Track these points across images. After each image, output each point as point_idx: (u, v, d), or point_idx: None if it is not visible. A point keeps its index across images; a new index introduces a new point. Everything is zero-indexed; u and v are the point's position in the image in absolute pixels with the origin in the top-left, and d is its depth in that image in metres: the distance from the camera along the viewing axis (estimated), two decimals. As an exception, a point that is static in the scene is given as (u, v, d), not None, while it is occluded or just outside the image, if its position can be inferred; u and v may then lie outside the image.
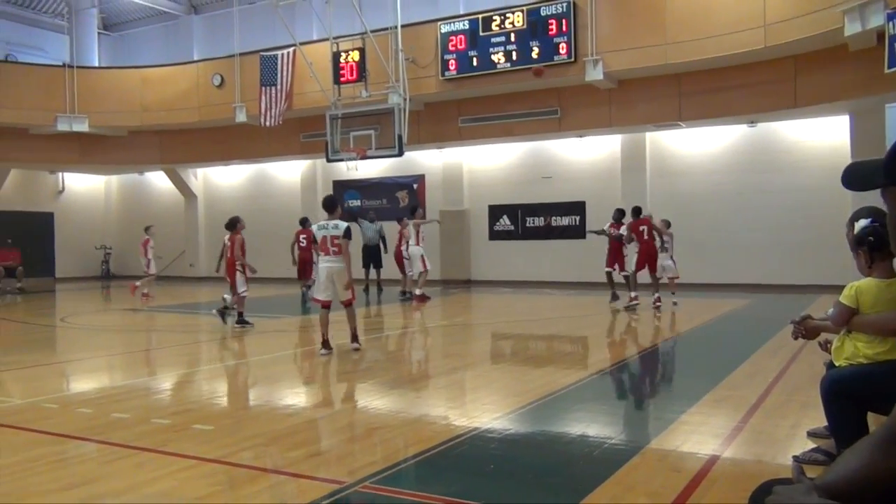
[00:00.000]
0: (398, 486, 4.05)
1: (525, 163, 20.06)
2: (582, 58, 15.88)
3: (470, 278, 20.53)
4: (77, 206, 26.37)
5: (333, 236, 8.69)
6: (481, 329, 11.95)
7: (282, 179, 23.73)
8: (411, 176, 21.51)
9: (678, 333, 10.82)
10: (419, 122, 18.71)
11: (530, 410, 5.81)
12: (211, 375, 8.18)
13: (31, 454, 4.75)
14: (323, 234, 8.72)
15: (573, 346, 10.09)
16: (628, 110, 16.91)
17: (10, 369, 8.55)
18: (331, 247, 8.69)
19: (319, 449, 4.85)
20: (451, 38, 17.31)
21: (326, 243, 8.69)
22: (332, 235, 8.69)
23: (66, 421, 5.65)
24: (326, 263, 8.75)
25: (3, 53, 23.80)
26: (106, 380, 8.07)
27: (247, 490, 4.04)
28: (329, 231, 8.71)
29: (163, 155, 23.00)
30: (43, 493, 4.00)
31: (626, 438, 5.18)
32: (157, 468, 4.38)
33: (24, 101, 20.32)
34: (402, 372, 8.16)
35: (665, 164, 18.29)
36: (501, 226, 20.34)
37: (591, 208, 19.04)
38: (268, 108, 19.15)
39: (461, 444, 4.84)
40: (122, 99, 21.47)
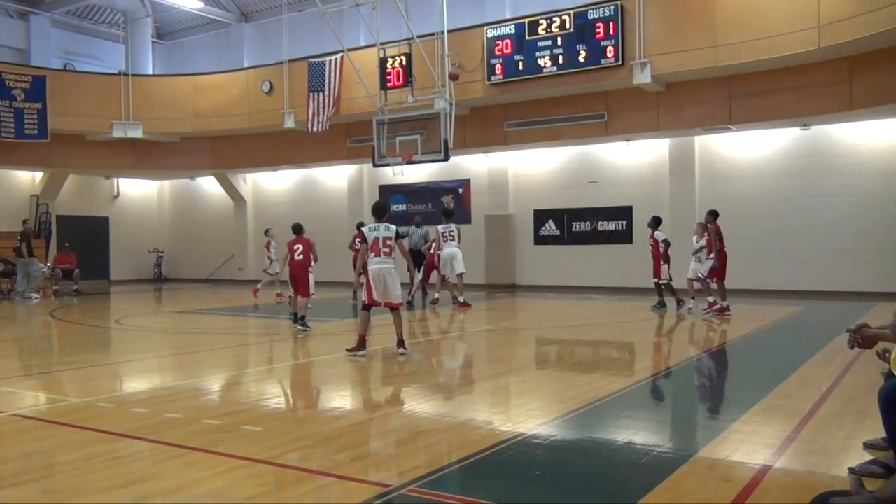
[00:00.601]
0: (443, 491, 4.06)
1: (571, 167, 19.93)
2: (629, 61, 15.73)
3: (515, 283, 20.47)
4: (131, 210, 27.06)
5: (386, 237, 8.83)
6: (526, 334, 11.90)
7: (329, 184, 23.99)
8: (457, 180, 21.55)
9: (728, 340, 10.62)
10: (465, 126, 18.75)
11: (576, 416, 5.76)
12: (259, 377, 8.31)
13: (87, 452, 4.88)
14: (375, 234, 8.84)
15: (620, 352, 9.98)
16: (677, 113, 16.69)
17: (67, 369, 8.81)
18: (382, 248, 8.80)
19: (365, 452, 4.88)
20: (497, 42, 17.31)
21: (378, 244, 8.80)
22: (385, 237, 8.83)
23: (121, 420, 5.79)
24: (378, 265, 8.81)
25: (62, 63, 24.58)
26: (158, 380, 8.26)
27: (294, 491, 4.10)
28: (381, 232, 8.85)
29: (214, 160, 23.48)
30: (99, 490, 4.11)
31: (674, 446, 5.10)
32: (208, 468, 4.47)
33: (81, 109, 20.95)
34: (447, 376, 8.17)
35: (715, 168, 17.98)
36: (547, 230, 20.24)
37: (639, 213, 18.82)
38: (315, 113, 19.40)
39: (506, 450, 4.82)
40: (174, 106, 21.98)
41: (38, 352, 10.73)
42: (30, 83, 19.98)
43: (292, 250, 11.99)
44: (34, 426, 5.68)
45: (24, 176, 23.91)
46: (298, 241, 12.12)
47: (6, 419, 5.89)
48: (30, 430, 5.56)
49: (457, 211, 21.49)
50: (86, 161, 22.66)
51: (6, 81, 19.59)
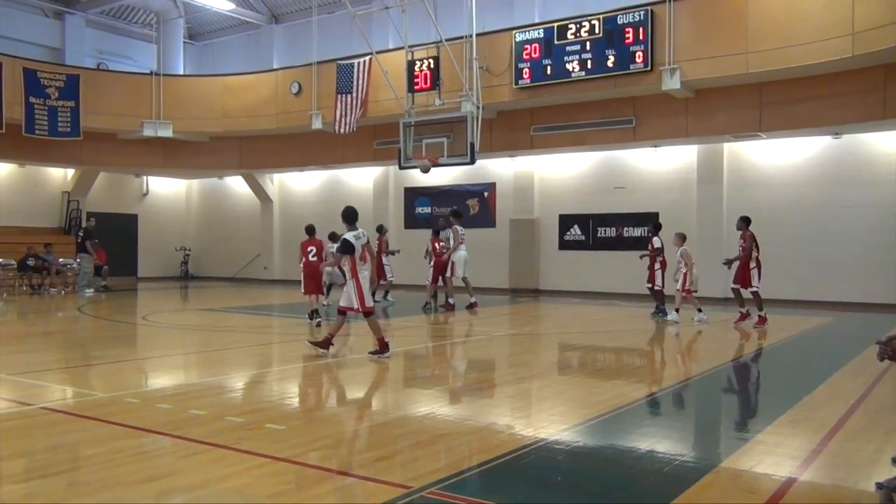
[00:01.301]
0: (464, 494, 4.06)
1: (597, 172, 19.84)
2: (659, 67, 15.63)
3: (538, 287, 20.41)
4: (160, 208, 27.40)
5: (365, 245, 8.91)
6: (549, 339, 11.85)
7: (355, 185, 24.11)
8: (482, 184, 21.55)
9: (755, 350, 10.50)
10: (491, 130, 18.75)
11: (598, 423, 5.73)
12: (282, 376, 8.37)
13: (113, 446, 4.95)
14: (360, 242, 8.86)
15: (644, 359, 9.91)
16: (706, 120, 16.54)
17: (94, 364, 8.94)
18: (368, 255, 8.96)
19: (386, 453, 4.90)
20: (525, 46, 17.29)
21: (365, 252, 8.90)
22: (364, 244, 8.93)
23: (146, 415, 5.87)
24: (366, 272, 8.91)
25: (96, 62, 24.97)
26: (183, 377, 8.35)
27: (315, 490, 4.12)
28: (363, 240, 8.92)
29: (242, 160, 23.70)
30: (124, 484, 4.16)
31: (697, 456, 5.05)
32: (231, 465, 4.51)
33: (113, 108, 21.27)
34: (468, 380, 8.16)
35: (744, 175, 17.80)
36: (572, 235, 20.16)
37: (665, 220, 18.63)
38: (343, 115, 19.51)
39: (527, 455, 4.81)
40: (204, 106, 22.23)
41: (66, 346, 10.89)
42: (64, 82, 20.32)
43: (306, 251, 12.51)
44: (61, 419, 5.77)
45: (57, 173, 24.32)
46: (311, 242, 12.62)
47: (34, 412, 5.99)
48: (57, 424, 5.65)
49: (482, 214, 21.52)
50: (116, 159, 23.00)
51: (41, 80, 19.94)
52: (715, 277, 17.79)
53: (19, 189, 23.21)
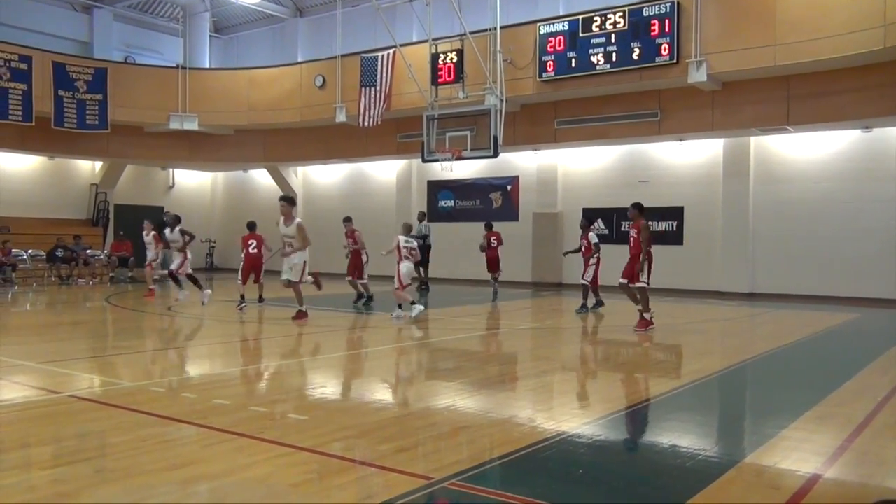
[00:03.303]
0: (485, 486, 4.06)
1: (621, 166, 19.70)
2: (685, 59, 15.46)
3: (561, 281, 20.33)
4: (185, 200, 27.64)
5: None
6: (572, 333, 11.81)
7: (378, 179, 24.16)
8: (505, 177, 21.50)
9: (781, 346, 10.38)
10: (515, 123, 18.68)
11: (621, 417, 5.71)
12: (305, 367, 8.42)
13: (139, 434, 5.02)
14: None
15: (667, 354, 9.84)
16: (733, 113, 16.35)
17: (121, 354, 9.06)
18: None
19: (408, 444, 4.91)
20: (549, 39, 17.19)
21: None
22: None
23: (172, 404, 5.94)
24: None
25: (123, 56, 25.24)
26: (208, 367, 8.44)
27: (337, 480, 4.15)
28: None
29: (266, 153, 23.85)
30: (150, 471, 4.22)
31: (720, 451, 5.01)
32: (255, 454, 4.56)
33: (140, 101, 21.49)
34: (490, 373, 8.16)
35: (770, 169, 17.57)
36: (595, 229, 20.00)
37: (690, 214, 18.52)
38: (367, 108, 19.55)
39: (548, 448, 4.80)
40: (229, 99, 22.39)
41: (94, 336, 11.05)
42: (92, 75, 20.57)
43: (246, 244, 14.30)
44: (89, 407, 5.86)
45: (85, 165, 24.64)
46: (252, 236, 14.46)
47: (63, 400, 6.09)
48: (85, 412, 5.74)
49: (505, 208, 21.46)
50: (143, 152, 23.25)
51: (70, 73, 20.20)
52: (741, 272, 17.64)
53: (49, 181, 23.56)
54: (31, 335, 10.71)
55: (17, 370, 7.61)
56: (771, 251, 17.42)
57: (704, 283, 18.09)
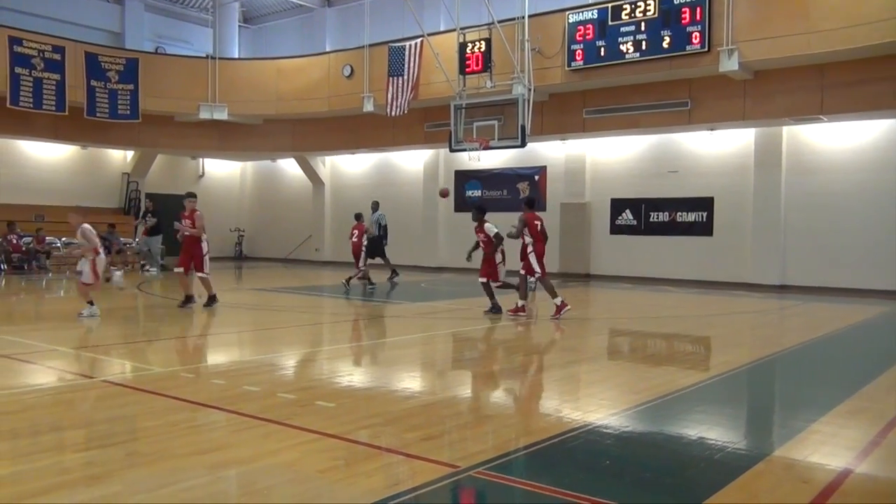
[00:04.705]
0: (511, 475, 4.07)
1: (650, 156, 19.51)
2: (716, 47, 15.24)
3: (589, 272, 20.23)
4: (215, 190, 27.93)
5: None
6: (599, 324, 11.76)
7: (405, 168, 24.18)
8: (533, 167, 21.40)
9: (811, 339, 10.24)
10: (543, 112, 18.57)
11: (648, 409, 5.68)
12: (333, 355, 8.48)
13: (169, 419, 5.10)
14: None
15: (695, 346, 9.76)
16: (765, 103, 16.09)
17: (152, 340, 9.20)
18: None
19: (434, 433, 4.93)
20: (578, 27, 17.04)
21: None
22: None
23: (201, 390, 6.02)
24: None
25: (154, 46, 25.51)
26: (237, 354, 8.54)
27: (364, 467, 4.18)
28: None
29: (294, 143, 23.98)
30: (179, 455, 4.29)
31: (749, 444, 4.97)
32: (282, 440, 4.60)
33: (170, 91, 21.70)
34: (516, 363, 8.15)
35: (803, 160, 17.28)
36: (623, 220, 19.90)
37: (720, 204, 18.30)
38: (394, 97, 19.56)
39: (575, 438, 4.79)
40: (258, 89, 22.53)
41: (126, 323, 11.23)
42: (123, 65, 20.81)
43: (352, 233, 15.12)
44: (121, 392, 5.96)
45: (117, 155, 24.98)
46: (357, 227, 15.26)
47: (96, 385, 6.21)
48: (117, 396, 5.84)
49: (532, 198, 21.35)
50: (173, 141, 23.50)
51: (102, 63, 20.46)
52: (772, 264, 17.42)
53: (81, 170, 23.92)
54: (65, 321, 10.90)
55: (52, 355, 7.77)
56: (802, 243, 17.16)
57: (734, 274, 17.88)
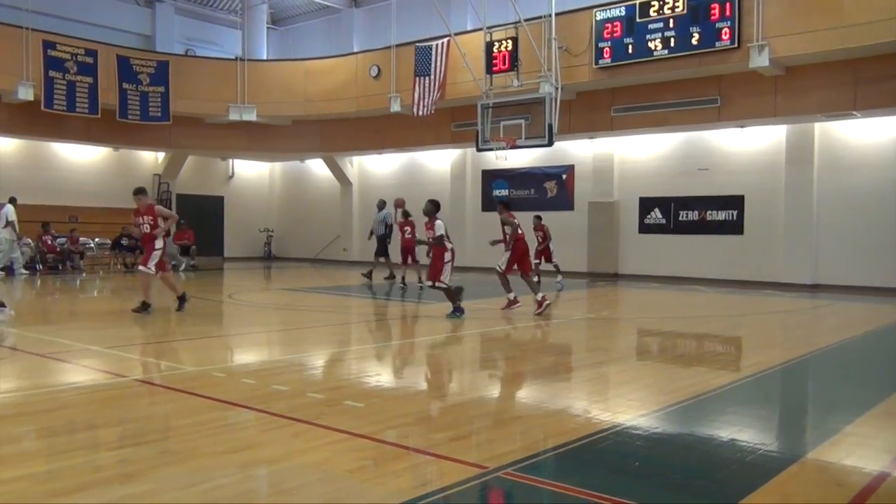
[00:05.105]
0: (539, 476, 4.05)
1: (680, 154, 19.32)
2: (746, 43, 15.05)
3: (617, 272, 20.10)
4: (244, 190, 28.22)
5: None
6: (628, 324, 11.67)
7: (432, 168, 24.21)
8: (560, 166, 21.31)
9: (845, 339, 10.07)
10: (570, 111, 18.48)
11: (678, 410, 5.62)
12: (360, 355, 8.52)
13: (201, 418, 5.16)
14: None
15: (726, 346, 9.65)
16: (796, 99, 15.85)
17: (183, 340, 9.32)
18: None
19: (462, 433, 4.93)
20: (606, 25, 16.93)
21: None
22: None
23: (232, 389, 6.08)
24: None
25: (184, 48, 25.82)
26: (267, 354, 8.61)
27: (392, 467, 4.19)
28: None
29: (322, 143, 24.13)
30: (210, 454, 4.34)
31: (781, 446, 4.90)
32: (311, 439, 4.64)
33: (200, 93, 21.96)
34: (545, 363, 8.12)
35: (836, 157, 17.00)
36: (652, 219, 19.73)
37: (751, 202, 18.07)
38: (421, 97, 19.59)
39: (604, 440, 4.76)
40: (286, 90, 22.70)
41: (158, 322, 11.37)
42: (154, 68, 21.09)
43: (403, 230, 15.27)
44: (153, 391, 6.05)
45: (148, 156, 25.33)
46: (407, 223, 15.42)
47: (129, 384, 6.30)
48: (149, 395, 5.92)
49: (560, 197, 21.28)
50: (204, 142, 23.77)
51: (133, 66, 20.76)
52: (804, 263, 17.16)
53: (114, 171, 24.29)
54: (98, 320, 11.09)
55: (85, 354, 7.90)
56: (835, 241, 16.89)
57: (765, 274, 17.65)
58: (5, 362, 7.46)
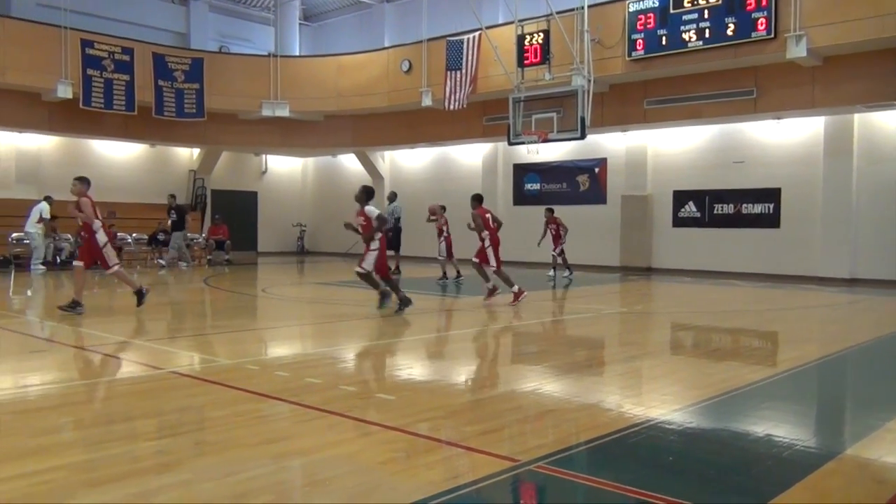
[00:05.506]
0: (571, 470, 4.04)
1: (714, 146, 19.06)
2: (783, 33, 14.78)
3: (650, 266, 19.91)
4: (277, 186, 28.49)
5: None
6: (661, 318, 11.56)
7: (464, 162, 24.19)
8: (593, 160, 21.15)
9: (883, 334, 9.86)
10: (603, 104, 18.33)
11: (712, 405, 5.56)
12: (392, 348, 8.56)
13: (236, 409, 5.23)
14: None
15: (762, 341, 9.51)
16: (834, 90, 15.54)
17: (218, 333, 9.44)
18: None
19: (494, 426, 4.93)
20: (639, 16, 16.75)
21: None
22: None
23: (266, 382, 6.15)
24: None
25: (218, 45, 26.11)
26: (300, 347, 8.69)
27: (424, 460, 4.20)
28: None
29: (354, 138, 24.24)
30: (244, 445, 4.39)
31: (819, 442, 4.82)
32: (344, 431, 4.67)
33: (233, 89, 22.21)
34: (577, 357, 8.08)
35: (876, 148, 16.63)
36: (686, 212, 19.51)
37: (787, 195, 17.77)
38: (452, 91, 19.58)
39: (637, 434, 4.73)
40: (319, 85, 22.85)
41: (193, 316, 11.55)
42: (189, 65, 21.37)
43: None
44: (189, 383, 6.14)
45: (184, 152, 25.68)
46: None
47: (165, 376, 6.40)
48: (185, 387, 6.01)
49: (592, 191, 21.14)
50: (238, 138, 24.04)
51: (169, 64, 21.05)
52: (842, 257, 16.85)
53: (150, 168, 24.68)
54: (135, 314, 11.27)
55: (123, 347, 8.05)
56: (875, 234, 16.54)
57: (802, 267, 17.36)
58: (46, 355, 7.64)
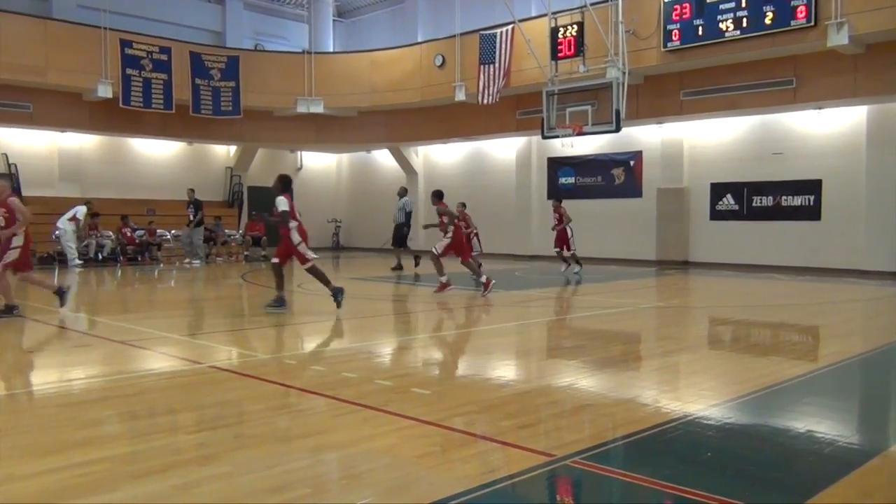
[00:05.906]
0: (608, 465, 4.02)
1: (752, 138, 18.74)
2: (823, 21, 14.47)
3: (688, 259, 19.67)
4: (313, 182, 28.70)
5: None
6: (699, 312, 11.42)
7: (497, 157, 24.13)
8: (628, 153, 20.95)
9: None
10: (638, 96, 18.14)
11: (751, 400, 5.48)
12: (427, 343, 8.59)
13: (273, 403, 5.30)
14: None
15: (802, 335, 9.34)
16: (878, 78, 15.17)
17: (255, 328, 9.55)
18: None
19: (529, 421, 4.92)
20: (675, 6, 16.53)
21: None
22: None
23: (302, 376, 6.22)
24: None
25: (253, 43, 26.38)
26: (335, 342, 8.76)
27: (459, 454, 4.21)
28: None
29: (388, 134, 24.32)
30: (283, 438, 4.45)
31: (863, 439, 4.72)
32: (380, 425, 4.70)
33: (269, 86, 22.42)
34: (613, 351, 8.02)
35: (922, 137, 16.20)
36: (724, 205, 19.23)
37: (829, 187, 17.41)
38: (486, 86, 19.53)
39: (674, 429, 4.68)
40: (353, 82, 22.96)
41: (231, 311, 11.71)
42: (225, 63, 21.62)
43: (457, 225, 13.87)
44: (227, 377, 6.23)
45: (221, 150, 26.02)
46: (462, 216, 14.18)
47: (204, 370, 6.50)
48: (224, 381, 6.10)
49: (628, 184, 20.94)
50: (273, 135, 24.27)
51: (205, 62, 21.32)
52: (887, 249, 16.48)
53: (188, 166, 25.05)
54: (175, 309, 11.47)
55: (164, 342, 8.19)
56: (921, 226, 16.13)
57: (844, 261, 17.00)
58: (89, 349, 7.81)
